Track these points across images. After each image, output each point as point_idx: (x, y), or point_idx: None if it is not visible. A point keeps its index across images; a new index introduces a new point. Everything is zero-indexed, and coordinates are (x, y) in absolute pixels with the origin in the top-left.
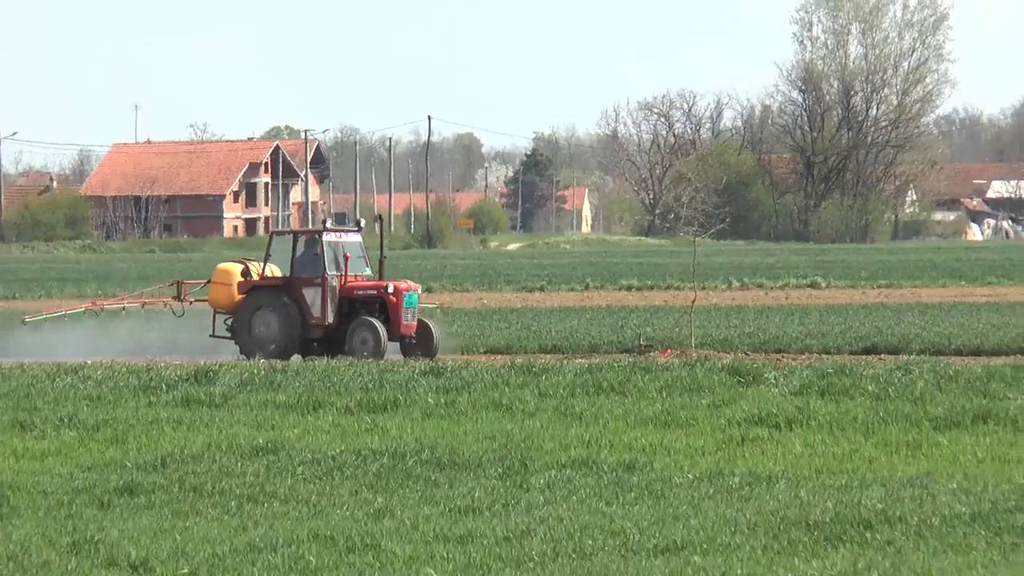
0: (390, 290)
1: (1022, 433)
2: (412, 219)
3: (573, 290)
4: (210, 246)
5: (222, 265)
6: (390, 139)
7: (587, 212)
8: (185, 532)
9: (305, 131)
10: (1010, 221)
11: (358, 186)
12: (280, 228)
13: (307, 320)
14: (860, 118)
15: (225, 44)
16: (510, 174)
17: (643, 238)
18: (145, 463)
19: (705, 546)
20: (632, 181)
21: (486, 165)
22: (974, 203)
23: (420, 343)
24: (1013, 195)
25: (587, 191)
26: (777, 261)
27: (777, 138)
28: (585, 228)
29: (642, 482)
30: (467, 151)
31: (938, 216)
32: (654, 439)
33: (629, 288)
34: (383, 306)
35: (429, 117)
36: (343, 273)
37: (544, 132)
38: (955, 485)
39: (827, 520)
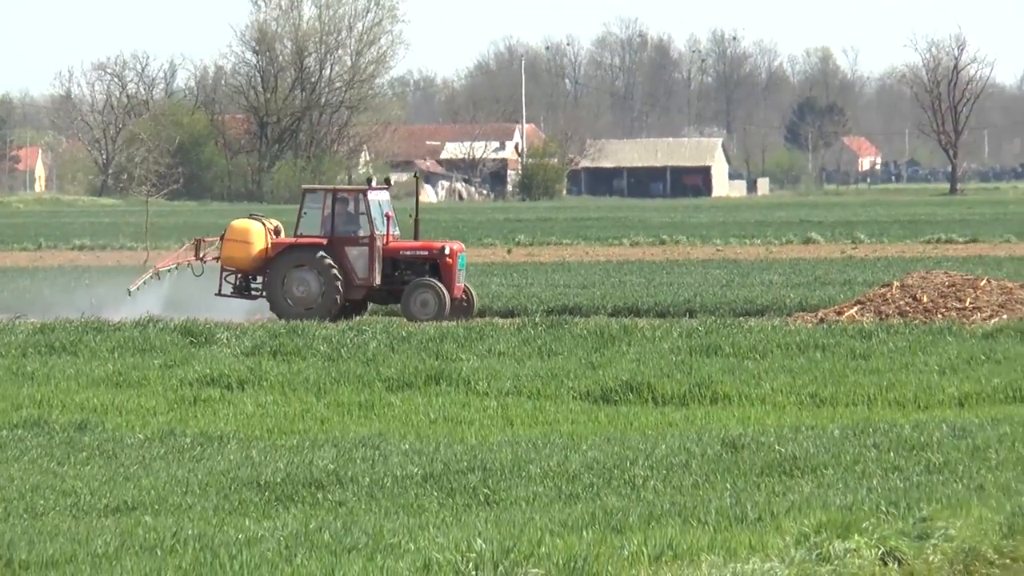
0: (447, 251)
1: (474, 394)
2: None
3: (26, 250)
4: None
5: (236, 222)
6: None
7: (40, 172)
8: None
9: None
10: (463, 182)
11: None
12: (313, 185)
13: (351, 281)
14: (314, 79)
15: None
16: None
17: (97, 198)
18: None
19: (156, 506)
20: (86, 141)
21: None
22: (428, 164)
23: (465, 306)
24: (467, 156)
25: (40, 151)
26: (227, 221)
27: (231, 98)
28: (39, 188)
29: (94, 442)
30: None
31: (393, 177)
32: (106, 399)
33: (82, 248)
34: (433, 267)
35: None
36: (386, 233)
37: None
38: (407, 446)
39: (278, 480)
